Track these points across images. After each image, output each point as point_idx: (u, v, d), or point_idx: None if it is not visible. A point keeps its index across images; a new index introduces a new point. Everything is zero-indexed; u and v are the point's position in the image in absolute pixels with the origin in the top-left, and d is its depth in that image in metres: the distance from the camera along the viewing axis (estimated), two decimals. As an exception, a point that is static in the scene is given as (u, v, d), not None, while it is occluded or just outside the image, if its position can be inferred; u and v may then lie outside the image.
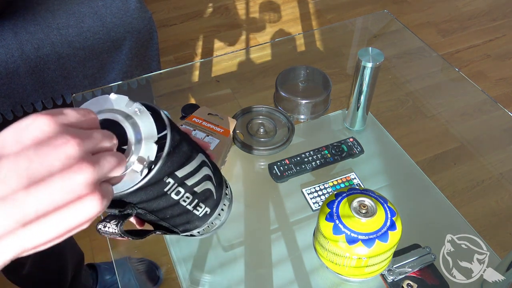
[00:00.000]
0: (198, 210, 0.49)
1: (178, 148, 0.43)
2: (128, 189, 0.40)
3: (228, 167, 0.88)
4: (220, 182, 0.53)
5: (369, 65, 0.85)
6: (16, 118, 1.46)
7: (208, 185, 0.49)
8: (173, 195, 0.44)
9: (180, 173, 0.44)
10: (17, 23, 1.27)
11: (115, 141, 0.36)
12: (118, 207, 0.42)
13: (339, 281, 0.73)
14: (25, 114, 1.33)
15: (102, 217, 0.43)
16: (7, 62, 1.22)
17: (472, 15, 2.24)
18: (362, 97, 0.91)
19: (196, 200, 0.48)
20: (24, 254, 0.31)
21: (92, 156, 0.33)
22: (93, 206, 0.32)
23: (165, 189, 0.43)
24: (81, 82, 1.36)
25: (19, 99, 1.30)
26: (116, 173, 0.36)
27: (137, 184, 0.40)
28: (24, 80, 1.27)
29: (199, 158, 0.47)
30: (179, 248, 0.79)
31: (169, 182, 0.43)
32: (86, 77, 1.36)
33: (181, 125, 0.84)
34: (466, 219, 0.81)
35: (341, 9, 2.28)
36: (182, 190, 0.45)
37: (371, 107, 0.96)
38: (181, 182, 0.44)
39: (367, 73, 0.87)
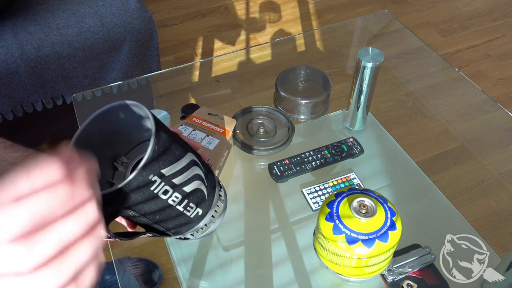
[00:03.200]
0: (189, 211, 0.48)
1: (165, 146, 0.42)
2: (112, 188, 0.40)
3: (228, 167, 0.88)
4: (213, 184, 0.52)
5: (369, 65, 0.85)
6: (16, 118, 1.45)
7: (199, 185, 0.48)
8: (160, 195, 0.43)
9: (167, 172, 0.43)
10: (17, 23, 1.27)
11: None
12: (103, 205, 0.41)
13: (339, 281, 0.73)
14: (25, 114, 1.33)
15: None
16: (7, 62, 1.22)
17: (472, 15, 2.24)
18: (362, 97, 0.91)
19: (186, 200, 0.47)
20: None
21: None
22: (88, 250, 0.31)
23: (151, 188, 0.42)
24: (81, 82, 1.36)
25: (19, 99, 1.30)
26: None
27: (120, 183, 0.40)
28: (24, 80, 1.27)
29: (188, 157, 0.46)
30: (179, 248, 0.79)
31: (155, 180, 0.42)
32: (86, 77, 1.36)
33: (181, 125, 0.84)
34: (466, 219, 0.81)
35: (341, 9, 2.28)
36: (170, 189, 0.44)
37: (371, 107, 0.96)
38: (168, 180, 0.43)
39: (367, 73, 0.87)
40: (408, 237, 0.69)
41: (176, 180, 0.44)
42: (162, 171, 0.42)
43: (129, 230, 0.49)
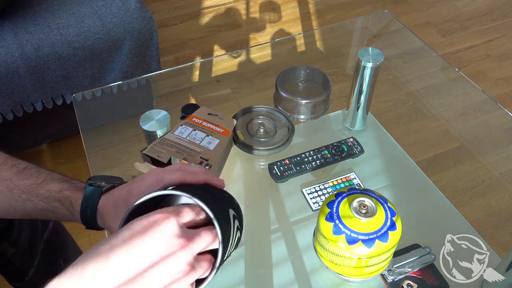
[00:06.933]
0: (229, 256, 0.51)
1: (226, 234, 0.45)
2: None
3: (228, 167, 0.88)
4: (240, 213, 0.54)
5: (369, 65, 0.85)
6: (16, 118, 1.45)
7: (238, 234, 0.51)
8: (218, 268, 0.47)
9: (228, 251, 0.46)
10: (17, 23, 1.27)
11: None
12: None
13: (339, 281, 0.73)
14: (25, 114, 1.33)
15: None
16: (7, 62, 1.22)
17: (472, 15, 2.24)
18: (362, 97, 0.91)
19: (230, 253, 0.50)
20: None
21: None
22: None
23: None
24: (81, 82, 1.36)
25: (19, 99, 1.30)
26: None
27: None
28: (24, 80, 1.27)
29: (232, 218, 0.49)
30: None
31: (218, 268, 0.45)
32: (86, 77, 1.36)
33: (181, 125, 0.84)
34: (466, 219, 0.81)
35: (341, 9, 2.28)
36: (225, 257, 0.47)
37: (371, 107, 0.96)
38: (226, 257, 0.47)
39: (367, 73, 0.87)
40: (408, 237, 0.69)
41: (229, 252, 0.48)
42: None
43: None
